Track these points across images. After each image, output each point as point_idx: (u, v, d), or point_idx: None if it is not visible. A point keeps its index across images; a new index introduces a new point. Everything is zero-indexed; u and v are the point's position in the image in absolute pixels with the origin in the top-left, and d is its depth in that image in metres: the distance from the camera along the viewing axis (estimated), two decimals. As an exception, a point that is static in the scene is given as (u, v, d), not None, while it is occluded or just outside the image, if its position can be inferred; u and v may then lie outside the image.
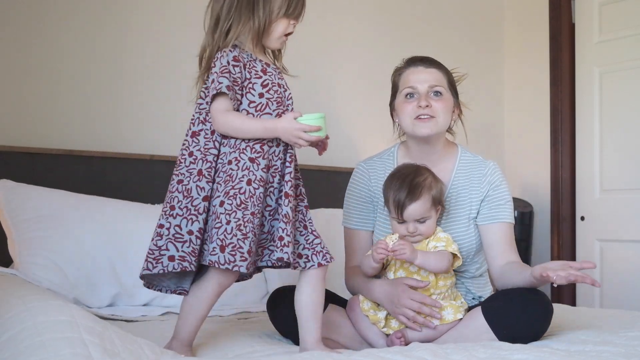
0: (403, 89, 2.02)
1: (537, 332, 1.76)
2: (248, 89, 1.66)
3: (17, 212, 2.29)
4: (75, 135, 2.71)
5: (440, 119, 1.98)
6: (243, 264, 1.53)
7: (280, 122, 1.63)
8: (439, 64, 2.06)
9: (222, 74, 1.61)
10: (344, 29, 3.50)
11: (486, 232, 1.99)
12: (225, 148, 1.64)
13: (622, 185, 3.62)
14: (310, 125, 1.62)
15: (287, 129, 1.62)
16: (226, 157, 1.63)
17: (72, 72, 2.72)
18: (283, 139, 1.64)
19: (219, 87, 1.60)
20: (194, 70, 1.81)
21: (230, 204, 1.56)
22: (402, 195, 1.84)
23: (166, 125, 2.93)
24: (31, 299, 1.46)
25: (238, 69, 1.64)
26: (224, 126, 1.62)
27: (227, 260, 1.53)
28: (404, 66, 2.07)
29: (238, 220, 1.55)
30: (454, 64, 2.17)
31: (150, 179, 2.79)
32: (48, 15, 2.67)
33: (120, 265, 2.29)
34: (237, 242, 1.54)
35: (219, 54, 1.66)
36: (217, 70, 1.63)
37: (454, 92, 2.07)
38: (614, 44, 3.67)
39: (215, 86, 1.61)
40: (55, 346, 1.23)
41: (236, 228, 1.55)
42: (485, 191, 2.00)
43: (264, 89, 1.67)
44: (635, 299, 3.40)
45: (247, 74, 1.66)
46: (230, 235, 1.54)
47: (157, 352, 1.41)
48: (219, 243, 1.54)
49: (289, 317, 1.79)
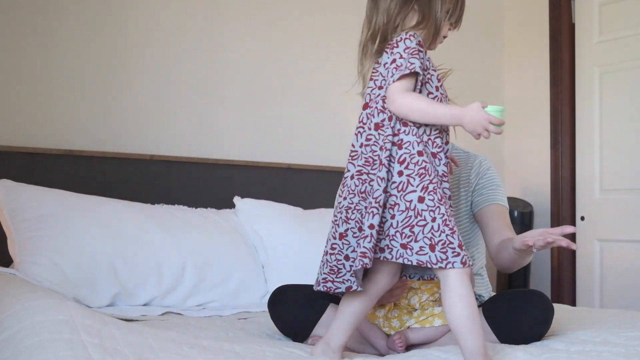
0: None
1: (538, 333, 1.77)
2: (427, 79, 1.58)
3: (17, 212, 2.29)
4: (75, 135, 2.71)
5: None
6: (457, 259, 1.45)
7: (468, 110, 1.51)
8: None
9: (412, 55, 1.51)
10: (346, 29, 3.50)
11: (481, 216, 2.01)
12: (410, 137, 1.52)
13: (622, 185, 3.62)
14: (497, 118, 1.51)
15: (475, 118, 1.50)
16: (413, 147, 1.51)
17: (72, 72, 2.72)
18: (467, 128, 1.51)
19: (412, 67, 1.50)
20: (194, 69, 1.80)
21: (432, 200, 1.47)
22: None
23: (166, 125, 2.93)
24: (28, 297, 1.45)
25: (423, 54, 1.56)
26: (405, 107, 1.50)
27: (439, 258, 1.45)
28: None
29: (443, 216, 1.46)
30: (454, 64, 2.16)
31: (150, 179, 2.79)
32: (48, 15, 2.67)
33: (120, 265, 2.29)
34: (447, 238, 1.46)
35: (402, 35, 1.56)
36: (400, 51, 1.53)
37: None
38: (614, 44, 3.67)
39: (407, 65, 1.50)
40: (55, 348, 1.22)
41: (443, 224, 1.46)
42: (474, 181, 2.04)
43: (439, 82, 1.61)
44: (635, 299, 3.40)
45: (428, 64, 1.59)
46: (438, 232, 1.46)
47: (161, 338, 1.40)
48: (427, 242, 1.45)
49: (289, 315, 1.79)
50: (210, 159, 2.97)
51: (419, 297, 1.82)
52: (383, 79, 1.57)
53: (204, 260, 2.45)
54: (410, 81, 1.52)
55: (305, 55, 3.35)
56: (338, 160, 3.16)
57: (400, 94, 1.51)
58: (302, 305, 1.84)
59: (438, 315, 1.80)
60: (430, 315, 1.80)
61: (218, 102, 3.08)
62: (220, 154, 3.04)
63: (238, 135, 3.12)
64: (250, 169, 3.06)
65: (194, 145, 2.99)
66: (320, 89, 3.35)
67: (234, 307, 2.38)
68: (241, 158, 3.08)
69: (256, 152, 3.15)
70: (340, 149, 3.23)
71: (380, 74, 1.59)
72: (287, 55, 3.28)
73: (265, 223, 2.72)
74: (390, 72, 1.53)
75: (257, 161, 3.10)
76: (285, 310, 1.85)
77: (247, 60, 3.16)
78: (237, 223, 2.72)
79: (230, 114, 3.11)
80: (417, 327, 1.80)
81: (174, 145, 2.94)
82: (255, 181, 3.05)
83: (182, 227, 2.50)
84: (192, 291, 2.40)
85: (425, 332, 1.79)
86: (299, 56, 3.33)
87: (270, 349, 1.60)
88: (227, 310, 2.30)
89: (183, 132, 2.97)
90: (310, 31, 3.38)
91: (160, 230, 2.43)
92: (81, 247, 2.25)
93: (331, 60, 3.37)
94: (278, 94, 3.26)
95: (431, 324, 1.79)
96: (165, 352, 1.37)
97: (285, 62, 3.28)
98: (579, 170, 3.80)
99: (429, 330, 1.79)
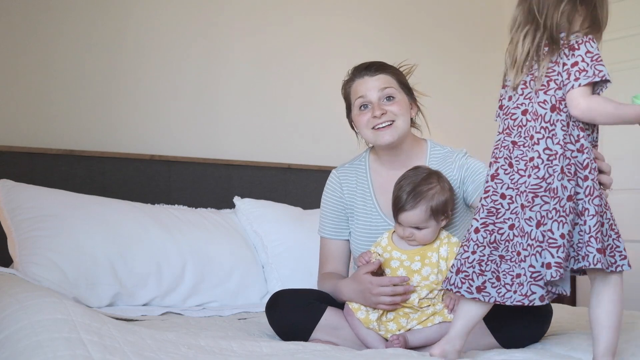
0: (355, 101, 2.02)
1: (536, 334, 1.76)
2: None
3: (17, 212, 2.29)
4: (75, 135, 2.71)
5: (399, 122, 1.98)
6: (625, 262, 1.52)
7: None
8: (385, 66, 2.04)
9: (598, 61, 1.49)
10: (346, 29, 3.50)
11: None
12: (586, 142, 1.51)
13: (622, 185, 3.62)
14: None
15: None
16: (590, 152, 1.51)
17: (72, 72, 2.72)
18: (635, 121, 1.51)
19: (602, 75, 1.48)
20: (194, 69, 1.80)
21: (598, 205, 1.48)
22: (400, 200, 1.84)
23: (166, 125, 2.93)
24: (26, 296, 1.45)
25: None
26: (593, 112, 1.48)
27: (609, 262, 1.50)
28: (350, 78, 2.06)
29: (609, 220, 1.51)
30: (454, 64, 2.17)
31: (150, 179, 2.79)
32: (47, 15, 2.67)
33: (120, 265, 2.29)
34: (613, 242, 1.51)
35: (583, 37, 1.52)
36: (581, 53, 1.50)
37: (407, 90, 2.05)
38: (614, 44, 3.66)
39: (597, 73, 1.48)
40: (54, 347, 1.22)
41: (610, 229, 1.51)
42: (460, 175, 1.99)
43: None
44: (635, 299, 3.40)
45: None
46: (606, 237, 1.50)
47: (158, 339, 1.40)
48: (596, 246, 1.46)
49: (287, 320, 1.79)
50: (210, 159, 2.96)
51: (417, 294, 1.81)
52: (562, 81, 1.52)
53: (204, 260, 2.45)
54: (590, 88, 1.50)
55: (305, 55, 3.35)
56: (338, 160, 3.15)
57: (585, 97, 1.48)
58: (300, 310, 1.84)
59: (439, 313, 1.79)
60: (432, 315, 1.79)
61: (218, 102, 3.08)
62: (220, 154, 3.04)
63: (238, 135, 3.12)
64: (250, 169, 3.06)
65: (194, 145, 2.99)
66: (320, 89, 3.35)
67: (233, 307, 2.38)
68: (241, 158, 3.07)
69: (256, 152, 3.15)
70: (340, 149, 3.23)
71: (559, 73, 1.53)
72: (287, 55, 3.28)
73: (265, 223, 2.72)
74: (574, 76, 1.50)
75: (257, 161, 3.10)
76: (283, 315, 1.84)
77: (247, 61, 3.16)
78: (237, 223, 2.72)
79: (230, 114, 3.11)
80: (418, 327, 1.79)
81: (174, 145, 2.93)
82: (255, 181, 3.05)
83: (182, 227, 2.50)
84: (192, 291, 2.40)
85: (425, 335, 1.78)
86: (299, 56, 3.33)
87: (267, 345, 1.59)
88: (227, 310, 2.30)
89: (183, 132, 2.97)
90: (310, 31, 3.38)
91: (160, 230, 2.43)
92: (81, 247, 2.25)
93: (332, 60, 3.36)
94: (278, 94, 3.26)
95: (432, 322, 1.78)
96: (163, 352, 1.37)
97: (285, 62, 3.28)
98: (579, 170, 3.79)
99: (429, 332, 1.78)
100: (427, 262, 1.83)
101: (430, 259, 1.83)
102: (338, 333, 1.85)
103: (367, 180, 2.07)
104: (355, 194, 2.07)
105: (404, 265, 1.84)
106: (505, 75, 1.63)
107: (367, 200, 2.05)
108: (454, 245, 1.84)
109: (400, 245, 1.87)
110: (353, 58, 2.04)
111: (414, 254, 1.84)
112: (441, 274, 1.81)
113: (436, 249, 1.84)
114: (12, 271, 2.14)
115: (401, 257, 1.85)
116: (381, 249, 1.89)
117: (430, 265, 1.82)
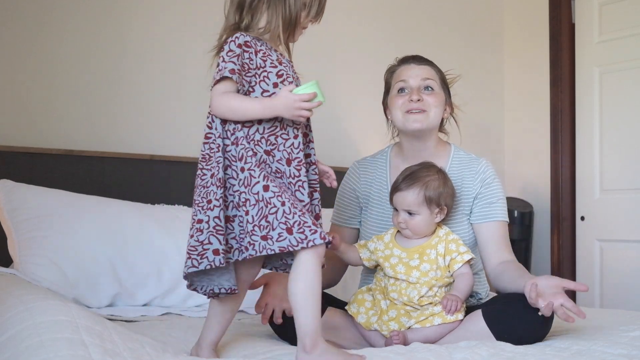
0: (395, 84, 2.06)
1: (538, 335, 1.76)
2: (262, 78, 1.60)
3: (17, 212, 2.29)
4: (75, 135, 2.71)
5: (431, 113, 2.00)
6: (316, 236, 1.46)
7: (278, 98, 1.55)
8: (432, 62, 2.09)
9: (229, 58, 1.56)
10: (346, 30, 3.50)
11: (480, 231, 2.00)
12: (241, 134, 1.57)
13: (622, 185, 3.62)
14: (307, 94, 1.57)
15: (286, 104, 1.55)
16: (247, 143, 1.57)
17: (72, 72, 2.72)
18: (286, 115, 1.57)
19: (223, 72, 1.54)
20: (194, 69, 1.81)
21: (275, 186, 1.50)
22: (397, 181, 1.90)
23: (166, 125, 2.93)
24: (30, 298, 1.46)
25: (247, 55, 1.59)
26: (221, 108, 1.55)
27: (299, 239, 1.46)
28: (396, 64, 2.11)
29: (290, 199, 1.49)
30: (455, 65, 2.17)
31: (150, 179, 2.79)
32: (48, 15, 2.68)
33: (120, 265, 2.29)
34: (300, 218, 1.47)
35: (229, 38, 1.61)
36: (223, 54, 1.57)
37: (446, 90, 2.09)
38: (614, 44, 3.67)
39: (220, 69, 1.56)
40: (55, 346, 1.23)
41: (292, 207, 1.48)
42: (477, 188, 2.01)
43: (279, 79, 1.63)
44: (635, 299, 3.40)
45: (262, 62, 1.61)
46: (291, 214, 1.47)
47: (159, 349, 1.41)
48: (283, 227, 1.46)
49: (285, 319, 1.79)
50: (210, 159, 2.96)
51: (418, 291, 1.81)
52: None
53: (204, 260, 2.45)
54: (229, 83, 1.55)
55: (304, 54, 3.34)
56: (338, 160, 3.16)
57: (216, 95, 1.55)
58: None
59: (439, 315, 1.80)
60: (430, 315, 1.80)
61: (218, 102, 3.07)
62: (220, 154, 3.03)
63: (238, 135, 3.12)
64: (250, 169, 3.05)
65: (194, 145, 2.97)
66: (320, 89, 3.35)
67: (234, 307, 2.38)
68: (241, 158, 3.07)
69: (256, 152, 3.14)
70: (340, 149, 3.24)
71: None
72: (287, 55, 3.28)
73: (265, 223, 2.71)
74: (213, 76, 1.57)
75: (257, 161, 3.10)
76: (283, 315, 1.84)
77: (247, 60, 3.16)
78: (237, 223, 2.72)
79: (230, 114, 3.10)
80: (417, 327, 1.80)
81: (174, 145, 2.93)
82: (255, 181, 3.05)
83: (182, 227, 2.50)
84: (191, 291, 2.40)
85: (425, 333, 1.78)
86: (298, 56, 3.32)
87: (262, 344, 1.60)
88: (227, 310, 2.30)
89: (183, 132, 2.97)
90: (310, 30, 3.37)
91: (160, 230, 2.43)
92: (81, 247, 2.25)
93: (330, 60, 3.37)
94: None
95: (431, 324, 1.79)
96: (166, 354, 1.38)
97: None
98: (579, 170, 3.80)
99: (428, 331, 1.78)
100: (426, 258, 1.85)
101: (429, 255, 1.85)
102: (338, 333, 1.86)
103: (385, 174, 2.10)
104: (373, 185, 2.11)
105: (403, 262, 1.85)
106: None
107: (383, 192, 2.08)
108: (453, 242, 1.87)
109: (401, 243, 1.90)
110: (354, 59, 2.05)
111: (413, 251, 1.87)
112: (440, 271, 1.84)
113: (434, 246, 1.87)
114: (12, 271, 2.14)
115: (401, 255, 1.87)
116: (383, 244, 1.91)
117: (429, 262, 1.84)
